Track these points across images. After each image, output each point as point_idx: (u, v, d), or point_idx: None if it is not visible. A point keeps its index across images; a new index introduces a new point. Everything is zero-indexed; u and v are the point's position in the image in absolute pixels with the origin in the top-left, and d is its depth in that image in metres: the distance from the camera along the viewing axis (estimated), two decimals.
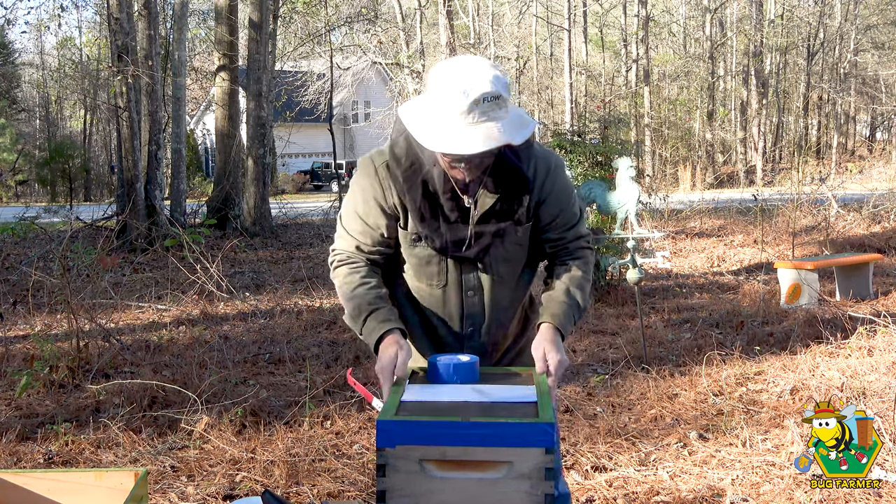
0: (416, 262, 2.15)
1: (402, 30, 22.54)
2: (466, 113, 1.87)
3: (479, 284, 2.14)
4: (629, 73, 28.47)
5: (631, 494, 3.51)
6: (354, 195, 2.15)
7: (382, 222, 2.12)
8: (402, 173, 2.07)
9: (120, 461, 3.95)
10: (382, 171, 2.10)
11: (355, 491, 3.58)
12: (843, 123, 37.05)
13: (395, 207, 2.11)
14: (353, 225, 2.15)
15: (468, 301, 2.15)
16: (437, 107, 1.92)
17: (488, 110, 1.88)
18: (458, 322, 2.17)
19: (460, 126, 1.88)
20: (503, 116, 1.91)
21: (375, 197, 2.11)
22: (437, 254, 2.11)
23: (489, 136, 1.88)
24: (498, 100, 1.89)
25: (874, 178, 20.18)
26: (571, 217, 2.18)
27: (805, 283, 7.54)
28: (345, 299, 2.12)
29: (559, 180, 2.14)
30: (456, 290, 2.15)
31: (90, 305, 6.97)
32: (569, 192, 2.18)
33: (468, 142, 1.88)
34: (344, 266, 2.15)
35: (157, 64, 13.33)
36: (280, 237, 14.57)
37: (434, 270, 2.14)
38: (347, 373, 2.23)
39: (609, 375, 5.35)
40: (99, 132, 34.83)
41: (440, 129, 1.90)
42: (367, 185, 2.12)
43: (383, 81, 33.77)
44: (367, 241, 2.14)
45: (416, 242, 2.11)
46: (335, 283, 2.18)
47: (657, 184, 18.17)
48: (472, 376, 1.96)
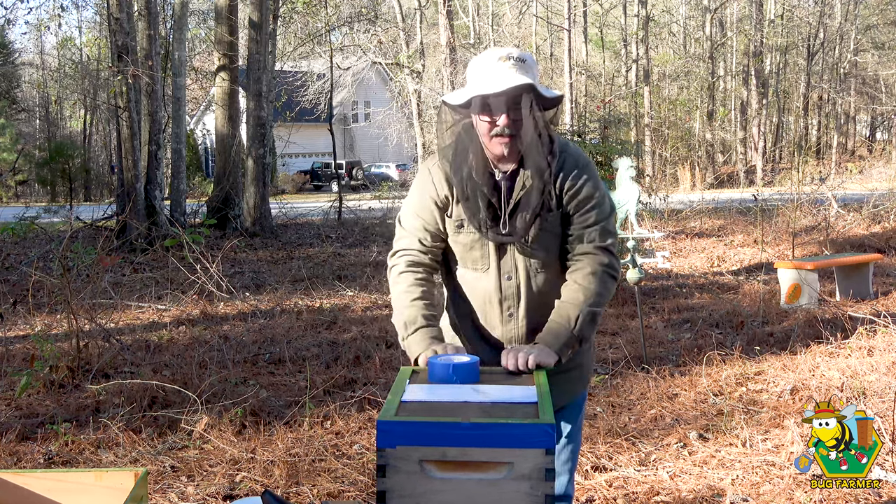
0: (461, 250, 2.30)
1: (402, 30, 22.55)
2: (496, 62, 2.11)
3: (516, 268, 2.26)
4: (629, 73, 28.47)
5: (631, 494, 3.52)
6: (412, 197, 2.34)
7: (437, 215, 2.29)
8: (451, 166, 2.24)
9: (120, 461, 3.95)
10: (434, 170, 2.30)
11: (355, 491, 3.58)
12: (843, 123, 37.05)
13: (446, 199, 2.28)
14: (412, 223, 2.32)
15: (505, 284, 2.27)
16: (472, 75, 2.17)
17: (517, 66, 2.11)
18: (498, 305, 2.29)
19: (493, 75, 2.11)
20: (532, 77, 2.12)
21: (429, 193, 2.29)
22: (479, 238, 2.25)
23: (519, 78, 2.08)
24: (524, 63, 2.13)
25: (874, 178, 20.18)
26: (592, 218, 2.25)
27: (805, 283, 7.54)
28: (402, 305, 2.25)
29: (583, 176, 2.24)
30: (495, 274, 2.27)
31: (90, 305, 6.97)
32: (595, 194, 2.25)
33: (500, 82, 2.08)
34: (409, 274, 2.29)
35: (157, 64, 13.33)
36: (280, 237, 14.57)
37: (477, 255, 2.28)
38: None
39: (609, 375, 5.35)
40: (99, 132, 34.81)
41: (475, 84, 2.14)
42: (422, 185, 2.31)
43: (383, 81, 33.79)
44: (427, 237, 2.31)
45: (459, 229, 2.27)
46: (397, 286, 2.30)
47: (657, 184, 18.17)
48: (472, 376, 1.96)
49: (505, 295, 2.27)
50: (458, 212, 2.26)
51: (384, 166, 35.00)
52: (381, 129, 29.45)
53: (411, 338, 2.20)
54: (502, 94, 2.09)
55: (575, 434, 2.45)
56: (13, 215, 13.07)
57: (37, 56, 38.15)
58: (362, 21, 23.81)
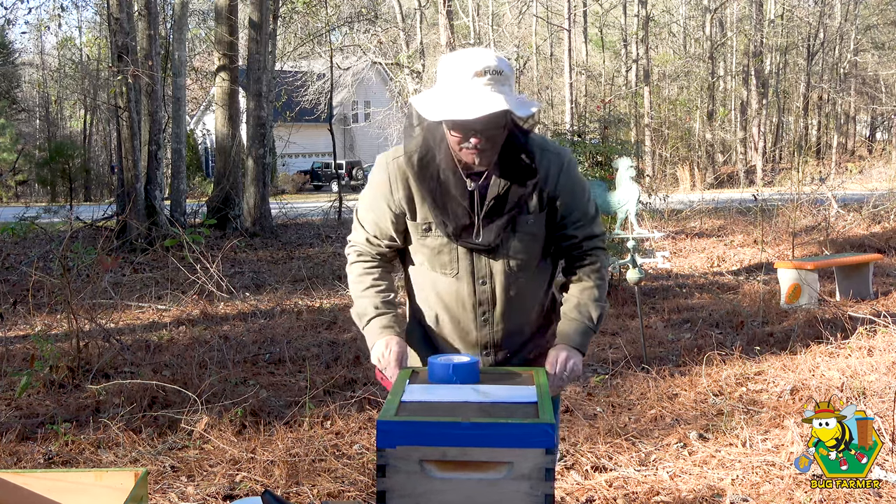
0: (428, 253, 2.19)
1: (402, 30, 22.55)
2: (471, 83, 1.95)
3: (491, 273, 2.16)
4: (629, 73, 28.46)
5: (631, 494, 3.51)
6: (369, 188, 2.25)
7: (389, 216, 2.20)
8: (416, 163, 2.13)
9: (120, 461, 3.95)
10: (393, 167, 2.17)
11: (355, 491, 3.58)
12: (843, 123, 37.04)
13: (400, 203, 2.17)
14: (365, 216, 2.26)
15: (479, 289, 2.18)
16: (444, 84, 2.01)
17: (493, 82, 1.95)
18: (472, 310, 2.20)
19: (466, 94, 1.95)
20: (507, 92, 1.97)
21: (383, 192, 2.19)
22: (449, 242, 2.15)
23: (494, 102, 1.93)
24: (501, 75, 1.97)
25: (874, 178, 20.18)
26: (585, 214, 2.21)
27: (805, 283, 7.54)
28: (355, 296, 2.24)
29: (573, 175, 2.18)
30: (468, 279, 2.17)
31: (90, 305, 6.97)
32: (583, 188, 2.22)
33: (471, 108, 1.93)
34: (358, 264, 2.26)
35: (157, 64, 13.33)
36: (280, 237, 14.57)
37: (446, 259, 2.17)
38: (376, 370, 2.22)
39: (609, 375, 5.35)
40: (99, 132, 34.81)
41: (444, 101, 1.98)
42: (378, 180, 2.21)
43: (383, 81, 33.77)
44: (377, 234, 2.24)
45: (426, 232, 2.16)
46: (349, 277, 2.30)
47: (657, 184, 18.16)
48: (472, 376, 1.96)
49: (479, 300, 2.18)
50: (423, 214, 2.15)
51: None
52: (381, 129, 29.45)
53: (367, 329, 2.19)
54: (476, 122, 1.97)
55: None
56: (13, 215, 13.06)
57: (37, 56, 38.15)
58: (362, 21, 23.81)
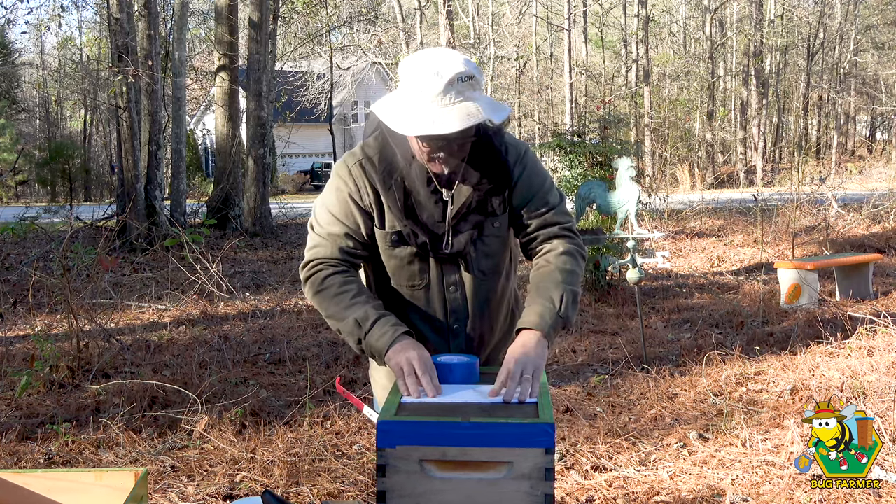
0: (395, 264, 2.09)
1: (402, 30, 22.55)
2: (443, 94, 1.83)
3: (461, 280, 2.10)
4: (629, 73, 28.45)
5: (631, 494, 3.51)
6: (329, 200, 2.07)
7: (361, 220, 2.05)
8: (377, 173, 2.02)
9: (120, 461, 3.95)
10: (356, 170, 2.05)
11: (355, 491, 3.58)
12: (843, 123, 37.02)
13: (370, 206, 2.05)
14: (333, 229, 2.05)
15: (450, 297, 2.10)
16: (411, 93, 1.87)
17: (464, 90, 1.85)
18: (443, 318, 2.11)
19: (437, 108, 1.83)
20: (478, 97, 1.88)
21: (351, 195, 2.04)
22: (417, 252, 2.05)
23: (468, 113, 1.83)
24: (472, 80, 1.87)
25: (874, 178, 20.18)
26: (544, 203, 2.10)
27: (805, 283, 7.54)
28: (340, 311, 2.00)
29: (530, 164, 2.09)
30: (438, 288, 2.09)
31: (90, 305, 6.97)
32: (542, 177, 2.12)
33: (447, 122, 1.82)
34: (334, 276, 2.03)
35: (157, 64, 13.32)
36: (280, 237, 14.57)
37: (415, 270, 2.08)
38: (336, 381, 2.20)
39: (609, 375, 5.35)
40: (99, 132, 34.80)
41: (416, 114, 1.85)
42: (342, 185, 2.05)
43: (383, 81, 33.76)
44: (349, 244, 2.06)
45: (396, 244, 2.05)
46: (315, 290, 2.06)
47: (657, 184, 18.15)
48: (472, 376, 1.96)
49: (451, 308, 2.10)
50: (391, 223, 2.03)
51: None
52: None
53: (370, 334, 1.94)
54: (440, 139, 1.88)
55: None
56: (13, 215, 13.06)
57: (37, 56, 38.14)
58: (362, 21, 23.82)
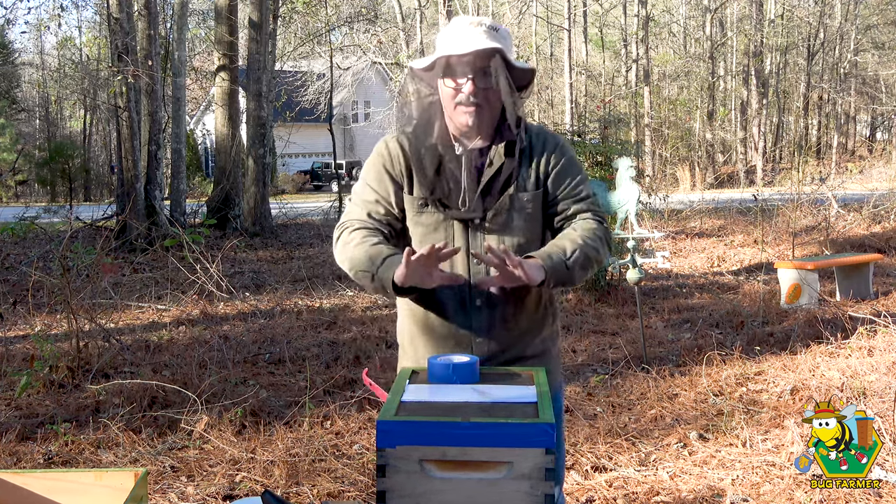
0: (422, 232, 2.14)
1: (402, 30, 22.56)
2: (468, 26, 2.03)
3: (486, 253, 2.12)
4: (629, 73, 28.46)
5: (631, 494, 3.51)
6: (366, 170, 2.21)
7: (391, 189, 2.15)
8: (410, 143, 2.14)
9: (120, 461, 3.95)
10: (392, 143, 2.17)
11: (355, 491, 3.58)
12: (843, 123, 37.04)
13: (401, 174, 2.15)
14: (364, 195, 2.18)
15: (475, 269, 2.11)
16: (441, 40, 2.08)
17: (489, 32, 2.03)
18: (467, 293, 2.12)
19: (461, 37, 2.02)
20: (503, 45, 2.03)
21: (384, 164, 2.16)
22: (444, 219, 2.11)
23: (487, 41, 2.00)
24: (497, 31, 2.04)
25: (874, 178, 20.17)
26: (579, 190, 2.17)
27: (805, 283, 7.54)
28: (359, 253, 2.05)
29: (568, 156, 2.18)
30: (463, 259, 2.11)
31: (90, 305, 6.97)
32: (578, 170, 2.19)
33: (466, 44, 1.99)
34: (358, 231, 2.10)
35: (157, 64, 13.32)
36: (280, 237, 14.57)
37: (440, 238, 2.10)
38: (363, 373, 2.19)
39: (609, 375, 5.35)
40: (99, 132, 34.81)
41: (442, 47, 2.05)
42: (377, 157, 2.18)
43: (383, 81, 33.76)
44: (379, 210, 2.16)
45: (423, 208, 2.13)
46: (341, 245, 2.12)
47: (657, 184, 18.14)
48: (472, 376, 1.96)
49: (475, 282, 2.10)
50: (419, 189, 2.12)
51: None
52: (381, 129, 29.42)
53: (381, 268, 2.00)
54: (468, 55, 1.99)
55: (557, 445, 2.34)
56: (13, 215, 13.07)
57: (37, 56, 38.15)
58: (362, 21, 23.81)
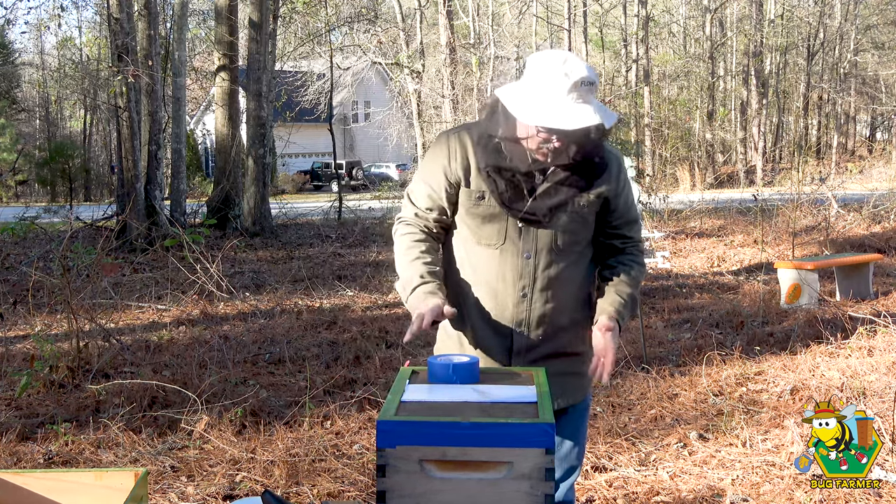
0: (476, 223, 2.21)
1: (402, 30, 22.54)
2: (568, 92, 2.05)
3: (536, 249, 2.19)
4: (629, 73, 28.45)
5: (631, 494, 3.52)
6: (425, 163, 2.28)
7: (444, 184, 2.22)
8: (472, 138, 2.20)
9: (120, 461, 3.95)
10: (453, 139, 2.23)
11: (355, 491, 3.58)
12: (843, 123, 37.03)
13: (457, 171, 2.20)
14: (417, 190, 2.27)
15: (522, 263, 2.19)
16: (539, 88, 2.08)
17: (585, 93, 2.06)
18: (513, 284, 2.20)
19: (562, 104, 2.05)
20: (594, 101, 2.09)
21: (440, 160, 2.22)
22: (499, 212, 2.18)
23: (588, 115, 2.04)
24: (592, 86, 2.09)
25: (874, 178, 20.18)
26: (633, 218, 2.32)
27: (805, 283, 7.54)
28: (401, 267, 2.22)
29: (627, 178, 2.31)
30: (513, 251, 2.19)
31: (90, 305, 6.97)
32: (630, 189, 2.34)
33: (570, 118, 2.04)
34: (407, 236, 2.24)
35: (157, 64, 13.32)
36: (280, 237, 14.57)
37: (494, 229, 2.19)
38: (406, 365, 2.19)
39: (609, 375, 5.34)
40: (99, 132, 34.80)
41: (543, 107, 2.06)
42: (437, 150, 2.25)
43: (383, 81, 33.77)
44: (429, 206, 2.24)
45: (479, 200, 2.19)
46: (395, 248, 2.28)
47: (657, 184, 18.14)
48: (472, 376, 1.96)
49: (521, 273, 2.19)
50: (478, 182, 2.19)
51: (384, 166, 35.01)
52: (381, 129, 29.46)
53: (410, 299, 2.15)
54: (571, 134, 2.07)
55: (580, 437, 2.40)
56: (13, 215, 13.07)
57: (37, 56, 38.14)
58: (362, 21, 23.80)
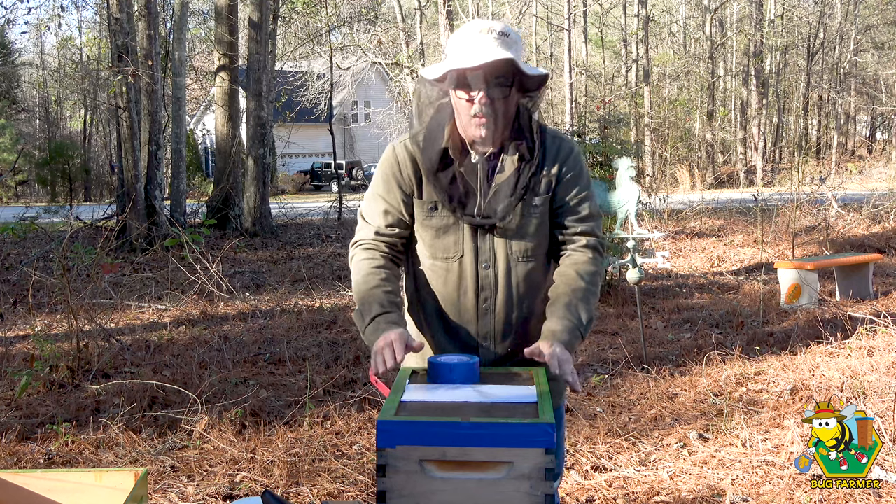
0: (431, 235, 2.14)
1: (402, 30, 22.55)
2: (478, 34, 1.99)
3: (495, 257, 2.11)
4: (629, 73, 28.45)
5: (631, 494, 3.52)
6: (375, 179, 2.21)
7: (400, 196, 2.15)
8: (420, 147, 2.12)
9: (120, 461, 3.95)
10: (399, 148, 2.17)
11: (355, 491, 3.58)
12: (843, 123, 37.03)
13: (410, 180, 2.14)
14: (372, 207, 2.18)
15: (483, 272, 2.12)
16: (451, 48, 2.04)
17: (499, 39, 1.99)
18: (474, 297, 2.12)
19: (472, 47, 1.98)
20: (515, 54, 1.99)
21: (392, 172, 2.15)
22: (453, 222, 2.11)
23: (499, 52, 1.96)
24: (508, 37, 2.00)
25: (874, 178, 20.18)
26: (584, 208, 2.16)
27: (805, 283, 7.54)
28: (358, 296, 2.10)
29: (579, 164, 2.17)
30: (471, 262, 2.12)
31: (90, 305, 6.96)
32: (587, 182, 2.18)
33: (477, 56, 1.95)
34: (365, 262, 2.13)
35: (157, 64, 13.32)
36: (280, 237, 14.57)
37: (450, 241, 2.12)
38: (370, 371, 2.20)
39: (609, 375, 5.35)
40: (99, 132, 34.79)
41: (453, 57, 2.01)
42: (386, 164, 2.18)
43: (383, 81, 33.76)
44: (388, 221, 2.16)
45: (432, 212, 2.12)
46: (353, 276, 2.18)
47: (657, 184, 18.15)
48: (472, 376, 1.96)
49: (482, 285, 2.11)
50: (429, 193, 2.11)
51: None
52: (381, 129, 29.44)
53: (368, 329, 2.05)
54: (480, 68, 1.96)
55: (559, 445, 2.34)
56: (13, 215, 13.07)
57: (37, 56, 38.15)
58: (362, 21, 23.82)
